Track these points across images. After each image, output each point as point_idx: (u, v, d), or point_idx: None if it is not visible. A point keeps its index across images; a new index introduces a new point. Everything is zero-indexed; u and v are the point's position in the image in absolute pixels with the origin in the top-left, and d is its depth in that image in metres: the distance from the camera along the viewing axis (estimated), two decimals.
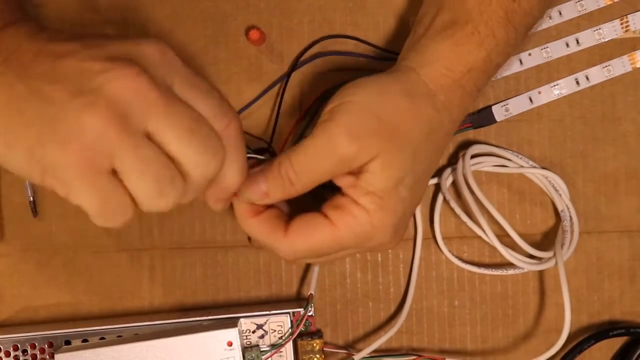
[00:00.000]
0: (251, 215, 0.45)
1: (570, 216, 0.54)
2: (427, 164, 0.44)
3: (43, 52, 0.37)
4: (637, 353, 0.55)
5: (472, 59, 0.44)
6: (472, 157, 0.54)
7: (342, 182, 0.43)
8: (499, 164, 0.55)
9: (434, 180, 0.55)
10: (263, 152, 0.51)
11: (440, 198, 0.55)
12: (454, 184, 0.55)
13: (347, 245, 0.43)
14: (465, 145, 0.55)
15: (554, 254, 0.53)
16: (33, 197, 0.54)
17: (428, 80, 0.44)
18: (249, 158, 0.45)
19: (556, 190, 0.55)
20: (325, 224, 0.43)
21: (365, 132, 0.42)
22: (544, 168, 0.55)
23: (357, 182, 0.42)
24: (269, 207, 0.45)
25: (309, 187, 0.43)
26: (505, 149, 0.55)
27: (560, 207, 0.55)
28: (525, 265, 0.53)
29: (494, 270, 0.55)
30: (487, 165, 0.55)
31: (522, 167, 0.55)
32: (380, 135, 0.42)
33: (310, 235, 0.43)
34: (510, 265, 0.54)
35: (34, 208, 0.54)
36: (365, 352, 0.53)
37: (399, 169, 0.42)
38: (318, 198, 0.46)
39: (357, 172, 0.43)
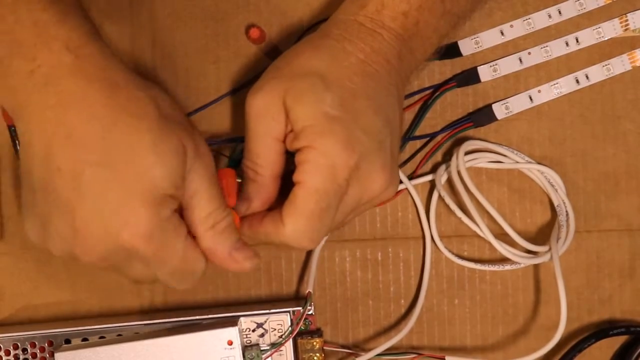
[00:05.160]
0: (258, 222, 0.45)
1: (566, 211, 0.54)
2: (348, 86, 0.44)
3: None
4: (637, 352, 0.55)
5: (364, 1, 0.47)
6: (469, 153, 0.54)
7: (290, 145, 0.44)
8: (495, 160, 0.55)
9: (429, 177, 0.55)
10: None
11: (435, 195, 0.55)
12: (449, 181, 0.55)
13: (326, 190, 0.43)
14: (464, 142, 0.55)
15: (549, 248, 0.53)
16: None
17: (329, 25, 0.47)
18: None
19: (552, 186, 0.55)
20: (298, 187, 0.43)
21: (265, 81, 0.45)
22: (539, 163, 0.55)
23: (295, 133, 0.44)
24: (269, 210, 0.46)
25: (272, 167, 0.45)
26: (500, 144, 0.55)
27: (556, 202, 0.55)
28: (520, 259, 0.53)
29: (490, 266, 0.55)
30: (482, 161, 0.55)
31: (517, 162, 0.55)
32: (281, 77, 0.45)
33: (297, 208, 0.43)
34: (507, 260, 0.54)
35: None
36: (372, 354, 0.53)
37: (310, 92, 0.43)
38: None
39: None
